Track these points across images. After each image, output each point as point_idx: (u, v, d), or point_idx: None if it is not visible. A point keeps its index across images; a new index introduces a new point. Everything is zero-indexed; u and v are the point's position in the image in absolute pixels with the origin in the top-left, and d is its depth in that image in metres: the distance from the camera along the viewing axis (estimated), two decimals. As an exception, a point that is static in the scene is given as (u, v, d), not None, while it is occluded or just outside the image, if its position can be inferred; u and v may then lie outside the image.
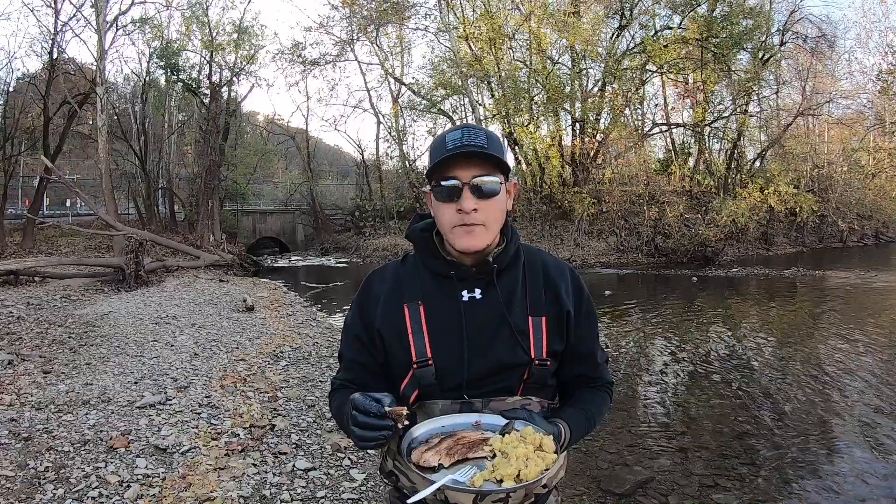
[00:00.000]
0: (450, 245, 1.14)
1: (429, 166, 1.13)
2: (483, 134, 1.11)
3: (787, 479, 3.57)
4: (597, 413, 1.21)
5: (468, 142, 1.08)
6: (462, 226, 1.08)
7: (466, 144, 1.08)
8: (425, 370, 1.10)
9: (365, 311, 1.19)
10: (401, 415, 0.98)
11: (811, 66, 23.52)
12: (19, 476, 3.00)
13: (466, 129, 1.11)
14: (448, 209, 1.10)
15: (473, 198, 1.07)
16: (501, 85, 21.35)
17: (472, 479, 0.96)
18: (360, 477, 3.34)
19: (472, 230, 1.08)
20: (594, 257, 19.10)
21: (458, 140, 1.09)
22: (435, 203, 1.13)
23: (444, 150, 1.09)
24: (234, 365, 5.68)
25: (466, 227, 1.08)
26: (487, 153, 1.08)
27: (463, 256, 1.14)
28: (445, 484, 0.94)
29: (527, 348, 1.11)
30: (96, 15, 15.71)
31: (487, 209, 1.09)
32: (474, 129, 1.11)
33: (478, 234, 1.09)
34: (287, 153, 33.17)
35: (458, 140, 1.09)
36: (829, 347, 7.06)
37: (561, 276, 1.19)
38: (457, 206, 1.08)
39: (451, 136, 1.10)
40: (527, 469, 0.95)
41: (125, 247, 12.06)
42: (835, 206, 23.77)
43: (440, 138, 1.13)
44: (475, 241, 1.09)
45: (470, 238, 1.09)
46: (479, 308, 1.13)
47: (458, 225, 1.09)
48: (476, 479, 0.95)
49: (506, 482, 0.94)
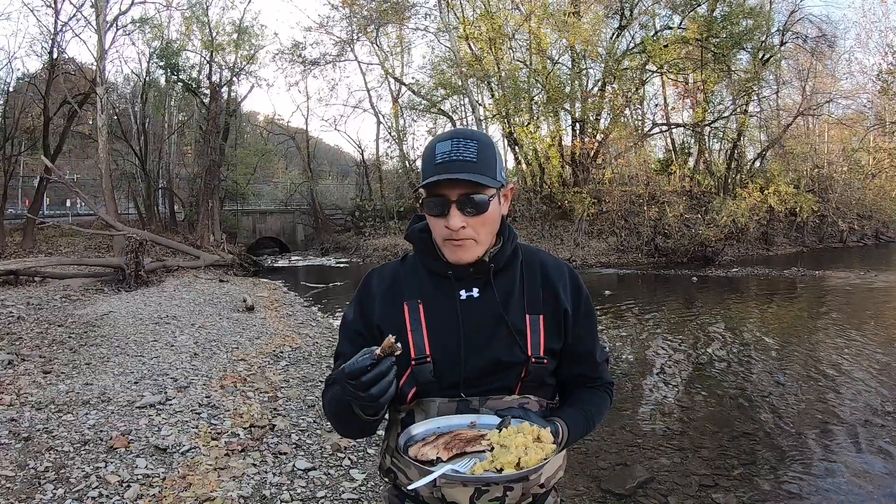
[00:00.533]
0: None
1: (421, 177, 1.11)
2: (474, 145, 1.06)
3: (787, 479, 3.57)
4: (596, 413, 1.20)
5: (458, 156, 1.05)
6: (452, 240, 1.08)
7: (456, 160, 1.04)
8: (423, 367, 1.10)
9: (365, 308, 1.18)
10: (391, 344, 0.94)
11: (811, 66, 23.54)
12: (19, 476, 3.00)
13: (456, 139, 1.06)
14: (437, 223, 1.08)
15: (461, 215, 1.05)
16: (501, 85, 21.36)
17: (472, 468, 0.95)
18: (360, 477, 3.34)
19: (463, 244, 1.08)
20: (594, 257, 19.11)
21: (447, 154, 1.05)
22: (426, 215, 1.12)
23: (432, 163, 1.06)
24: (234, 365, 5.68)
25: (456, 242, 1.08)
26: (473, 178, 1.03)
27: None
28: (446, 473, 0.93)
29: (524, 346, 1.11)
30: (96, 15, 15.72)
31: (477, 224, 1.07)
32: (465, 141, 1.06)
33: (468, 249, 1.08)
34: (287, 153, 33.20)
35: (447, 154, 1.05)
36: (829, 347, 7.06)
37: (559, 275, 1.18)
38: (444, 222, 1.06)
39: (440, 149, 1.06)
40: (527, 457, 0.94)
41: (125, 247, 12.06)
42: (835, 206, 23.78)
43: (430, 148, 1.09)
44: (465, 256, 1.09)
45: (461, 252, 1.08)
46: (476, 307, 1.12)
47: (448, 239, 1.08)
48: (476, 468, 0.95)
49: (506, 470, 0.94)
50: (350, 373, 0.95)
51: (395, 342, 0.95)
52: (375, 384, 0.94)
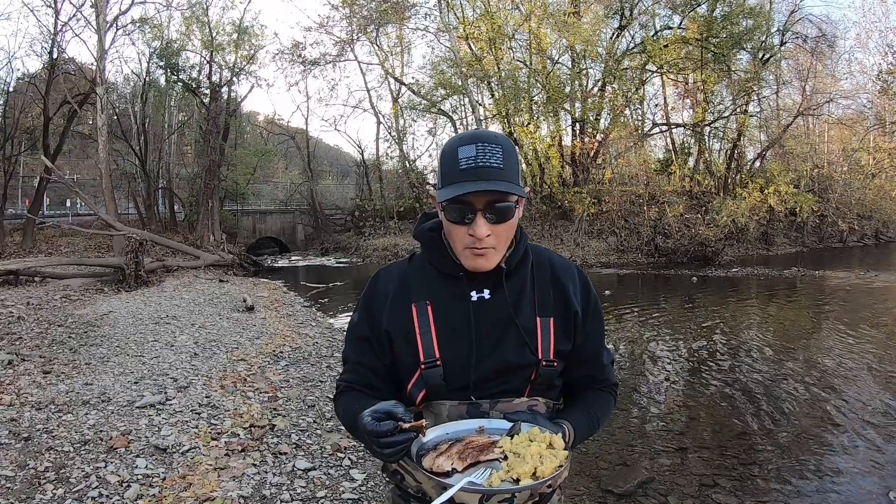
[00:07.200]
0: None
1: (439, 179, 1.06)
2: (500, 151, 1.02)
3: (787, 479, 3.57)
4: (601, 415, 1.20)
5: (484, 162, 1.00)
6: (473, 248, 1.05)
7: (483, 166, 1.00)
8: (433, 371, 1.08)
9: (372, 310, 1.16)
10: (421, 427, 0.98)
11: (811, 66, 23.53)
12: (19, 476, 3.00)
13: (481, 144, 1.02)
14: (459, 231, 1.05)
15: (487, 224, 1.02)
16: (501, 85, 21.36)
17: (488, 480, 0.95)
18: (360, 477, 3.34)
19: (484, 253, 1.05)
20: (594, 257, 19.11)
21: (472, 159, 1.01)
22: (445, 219, 1.07)
23: (456, 168, 1.02)
24: (234, 365, 5.68)
25: (478, 251, 1.04)
26: (505, 189, 1.00)
27: None
28: (465, 487, 0.93)
29: (534, 349, 1.10)
30: (96, 15, 15.73)
31: (500, 232, 1.05)
32: (490, 145, 1.02)
33: (489, 256, 1.06)
34: (287, 153, 33.23)
35: (472, 159, 1.01)
36: (829, 347, 7.06)
37: (569, 275, 1.17)
38: (468, 230, 1.03)
39: (464, 153, 1.02)
40: (543, 466, 0.95)
41: (125, 247, 12.05)
42: (835, 206, 23.77)
43: (452, 151, 1.04)
44: (486, 263, 1.07)
45: (481, 261, 1.06)
46: (488, 308, 1.11)
47: (469, 247, 1.05)
48: (493, 479, 0.95)
49: (523, 480, 0.94)
50: (370, 431, 0.97)
51: (426, 427, 0.99)
52: (391, 447, 0.96)
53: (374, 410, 0.98)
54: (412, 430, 0.97)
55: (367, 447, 1.02)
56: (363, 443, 1.06)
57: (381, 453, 0.97)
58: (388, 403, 0.99)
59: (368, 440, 0.98)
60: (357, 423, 1.01)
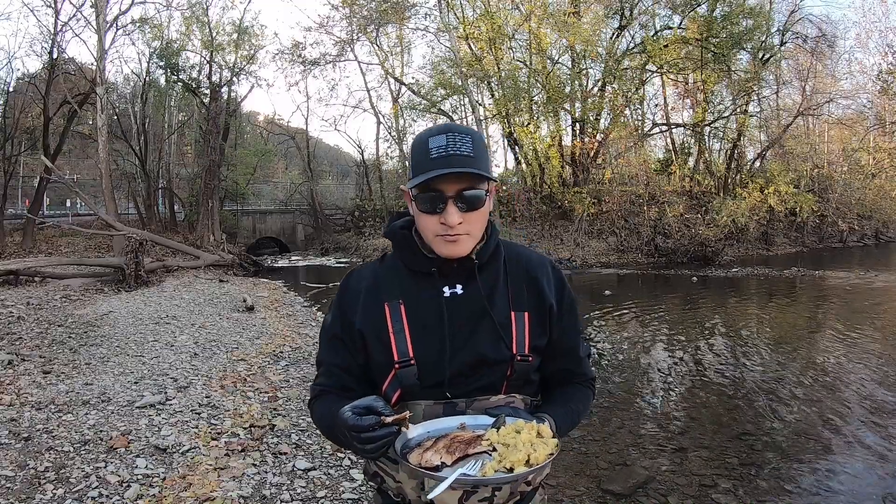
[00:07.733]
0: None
1: (410, 170, 1.07)
2: (468, 139, 1.05)
3: (787, 479, 3.57)
4: (580, 409, 1.19)
5: (454, 150, 1.03)
6: (446, 235, 1.06)
7: (453, 154, 1.02)
8: (407, 370, 1.07)
9: (344, 311, 1.15)
10: (404, 419, 0.97)
11: (811, 66, 23.52)
12: (19, 476, 3.00)
13: (451, 133, 1.04)
14: (430, 220, 1.06)
15: (458, 211, 1.04)
16: (501, 85, 21.34)
17: (481, 470, 0.94)
18: (360, 477, 3.34)
19: (457, 239, 1.06)
20: (594, 257, 19.11)
21: (442, 148, 1.03)
22: (416, 210, 1.09)
23: (427, 157, 1.04)
24: (234, 365, 5.68)
25: (450, 238, 1.06)
26: (478, 171, 1.02)
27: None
28: (459, 479, 0.92)
29: (509, 343, 1.09)
30: (96, 15, 15.73)
31: (472, 220, 1.06)
32: (459, 134, 1.05)
33: (462, 243, 1.07)
34: (287, 153, 33.24)
35: (442, 148, 1.03)
36: (829, 347, 7.06)
37: (542, 270, 1.17)
38: (440, 218, 1.04)
39: (434, 143, 1.04)
40: (536, 454, 0.94)
41: (125, 247, 12.05)
42: (835, 206, 23.77)
43: (422, 141, 1.06)
44: (459, 249, 1.07)
45: (454, 247, 1.07)
46: (461, 303, 1.10)
47: (442, 234, 1.06)
48: (487, 469, 0.94)
49: (517, 468, 0.93)
50: (351, 426, 0.96)
51: (408, 419, 0.97)
52: (372, 443, 0.95)
53: (355, 406, 0.98)
54: (395, 423, 0.96)
55: (348, 445, 1.00)
56: (343, 442, 1.04)
57: (363, 449, 0.96)
58: (369, 398, 0.99)
59: (349, 436, 0.97)
60: (335, 422, 1.00)
